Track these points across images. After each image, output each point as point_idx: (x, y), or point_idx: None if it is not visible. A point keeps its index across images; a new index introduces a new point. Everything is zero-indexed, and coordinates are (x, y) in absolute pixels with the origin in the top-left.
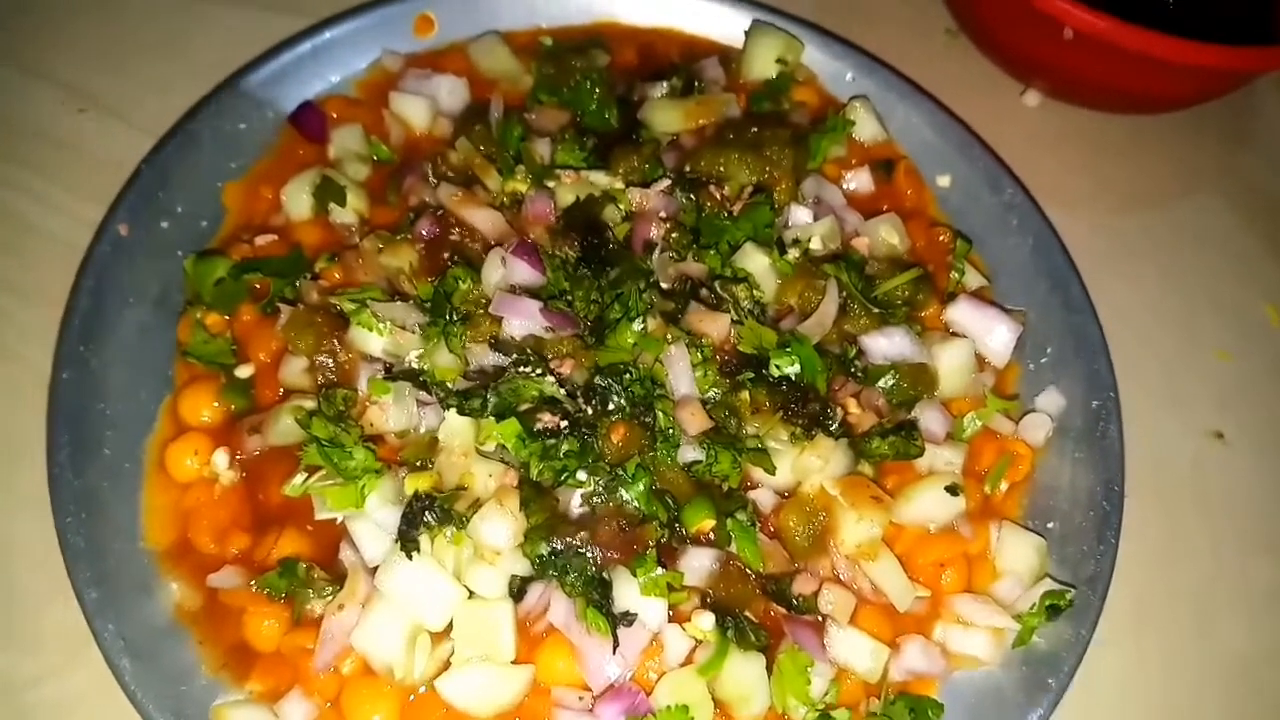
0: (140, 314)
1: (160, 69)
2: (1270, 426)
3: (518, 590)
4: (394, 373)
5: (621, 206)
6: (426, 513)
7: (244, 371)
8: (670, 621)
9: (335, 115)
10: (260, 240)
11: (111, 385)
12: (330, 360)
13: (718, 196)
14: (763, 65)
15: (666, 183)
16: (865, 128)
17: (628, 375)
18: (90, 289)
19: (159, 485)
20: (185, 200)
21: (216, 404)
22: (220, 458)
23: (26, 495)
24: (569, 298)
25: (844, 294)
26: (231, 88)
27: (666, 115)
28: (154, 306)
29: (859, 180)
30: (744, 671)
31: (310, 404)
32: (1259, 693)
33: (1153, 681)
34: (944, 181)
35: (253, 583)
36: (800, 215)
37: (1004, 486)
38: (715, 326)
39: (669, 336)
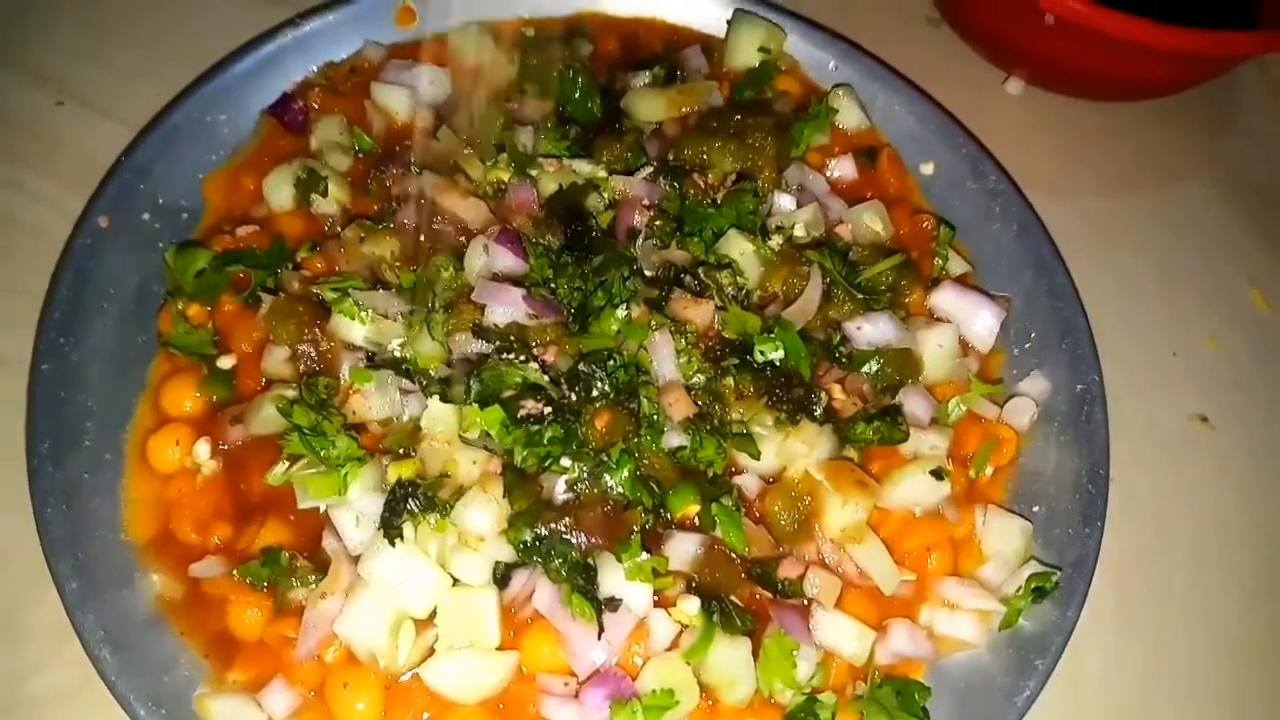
0: (121, 306)
1: (139, 61)
2: (1254, 410)
3: (502, 576)
4: (376, 361)
5: (605, 194)
6: (410, 500)
7: (226, 362)
8: (655, 606)
9: (317, 106)
10: (242, 231)
11: (92, 377)
12: (312, 349)
13: (701, 184)
14: (745, 54)
15: (649, 170)
16: (848, 116)
17: (611, 362)
18: (70, 281)
19: (140, 476)
20: (166, 192)
21: (198, 394)
22: (202, 448)
23: (7, 490)
24: (552, 285)
25: (828, 280)
26: (212, 80)
27: (649, 104)
28: (135, 298)
29: (842, 168)
30: (730, 656)
31: (292, 393)
32: (1246, 672)
33: (1139, 663)
34: (927, 169)
35: (235, 572)
36: (784, 202)
37: (989, 470)
38: (699, 313)
39: (653, 323)
